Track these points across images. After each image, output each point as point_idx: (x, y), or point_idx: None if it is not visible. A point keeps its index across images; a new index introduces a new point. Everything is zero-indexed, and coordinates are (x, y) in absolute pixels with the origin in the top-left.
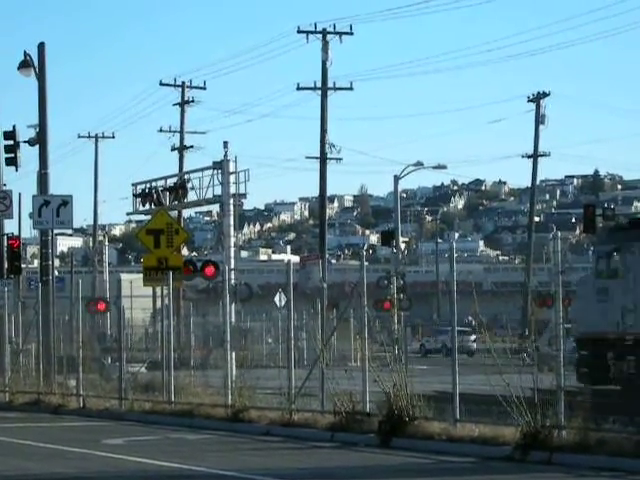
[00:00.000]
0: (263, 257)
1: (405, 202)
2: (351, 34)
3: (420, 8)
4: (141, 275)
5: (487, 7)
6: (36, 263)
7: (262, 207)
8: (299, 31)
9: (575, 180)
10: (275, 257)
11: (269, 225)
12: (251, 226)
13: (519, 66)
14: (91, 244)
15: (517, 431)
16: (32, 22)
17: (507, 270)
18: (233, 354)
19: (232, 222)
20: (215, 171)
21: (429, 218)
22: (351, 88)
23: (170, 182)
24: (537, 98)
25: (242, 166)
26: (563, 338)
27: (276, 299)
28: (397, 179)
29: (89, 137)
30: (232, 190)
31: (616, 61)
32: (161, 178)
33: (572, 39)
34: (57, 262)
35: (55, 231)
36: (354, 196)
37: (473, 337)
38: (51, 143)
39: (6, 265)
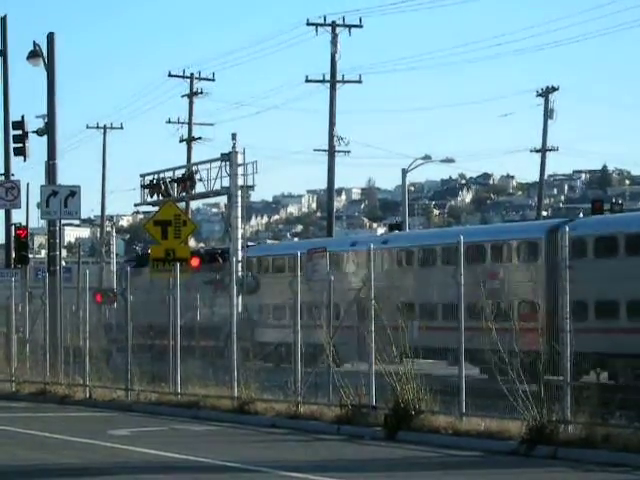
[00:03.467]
0: None
1: (413, 195)
2: (360, 27)
3: (429, 2)
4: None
5: (497, 0)
6: (43, 253)
7: (270, 199)
8: (308, 23)
9: (583, 175)
10: None
11: (276, 217)
12: (259, 218)
13: (528, 60)
14: (98, 235)
15: (523, 425)
16: (39, 13)
17: None
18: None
19: (239, 214)
20: (223, 163)
21: (437, 212)
22: (360, 81)
23: (178, 173)
24: (546, 92)
25: (250, 158)
26: (571, 333)
27: None
28: (405, 172)
29: (97, 128)
30: (240, 182)
31: (626, 56)
32: (169, 169)
33: (582, 33)
34: (64, 252)
35: (63, 221)
36: (362, 189)
37: None
38: (59, 133)
39: (13, 255)
